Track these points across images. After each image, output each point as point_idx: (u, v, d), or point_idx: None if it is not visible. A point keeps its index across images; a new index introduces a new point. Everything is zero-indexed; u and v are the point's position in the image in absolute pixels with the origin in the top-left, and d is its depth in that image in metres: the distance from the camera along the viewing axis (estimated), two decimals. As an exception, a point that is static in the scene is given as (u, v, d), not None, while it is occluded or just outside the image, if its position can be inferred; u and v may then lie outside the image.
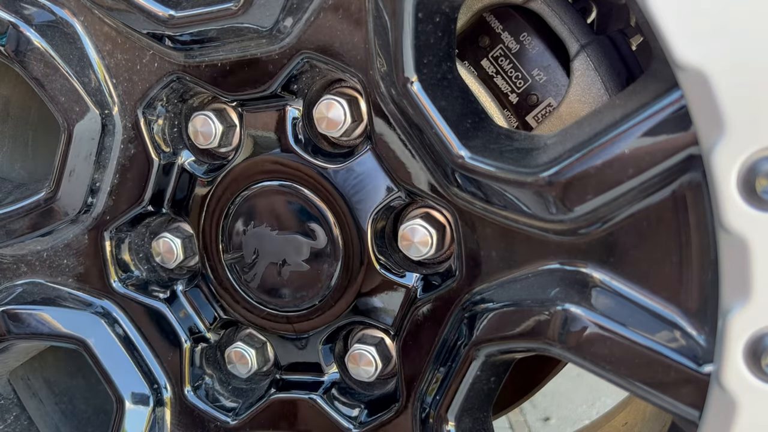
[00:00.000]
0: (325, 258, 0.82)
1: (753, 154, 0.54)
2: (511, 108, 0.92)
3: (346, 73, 0.75)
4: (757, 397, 0.58)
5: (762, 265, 0.56)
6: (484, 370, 0.76)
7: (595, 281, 0.67)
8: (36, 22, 0.84)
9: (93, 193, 0.89)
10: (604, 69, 0.87)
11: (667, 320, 0.64)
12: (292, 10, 0.74)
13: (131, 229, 0.92)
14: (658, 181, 0.61)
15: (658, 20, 0.55)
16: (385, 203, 0.78)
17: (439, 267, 0.80)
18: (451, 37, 0.71)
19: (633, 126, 0.60)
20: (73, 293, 0.94)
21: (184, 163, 0.88)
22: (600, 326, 0.66)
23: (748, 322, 0.58)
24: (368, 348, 0.83)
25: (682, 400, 0.64)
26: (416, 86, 0.69)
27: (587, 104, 0.86)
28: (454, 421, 0.79)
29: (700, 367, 0.62)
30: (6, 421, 1.07)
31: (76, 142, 0.86)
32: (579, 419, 2.13)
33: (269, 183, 0.83)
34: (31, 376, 1.12)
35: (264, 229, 0.84)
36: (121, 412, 0.92)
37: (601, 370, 0.67)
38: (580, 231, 0.66)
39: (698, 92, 0.55)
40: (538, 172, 0.64)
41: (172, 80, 0.83)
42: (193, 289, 0.93)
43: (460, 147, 0.68)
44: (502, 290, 0.73)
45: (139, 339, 0.93)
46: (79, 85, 0.84)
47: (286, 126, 0.81)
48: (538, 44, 0.90)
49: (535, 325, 0.70)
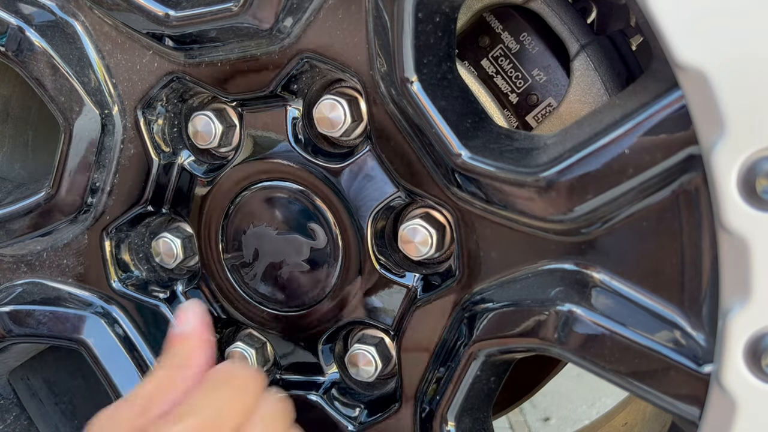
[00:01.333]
0: (324, 258, 0.82)
1: (753, 154, 0.54)
2: (511, 108, 0.92)
3: (346, 73, 0.75)
4: (757, 397, 0.58)
5: (762, 265, 0.56)
6: (484, 370, 0.76)
7: (595, 281, 0.67)
8: (36, 22, 0.84)
9: (93, 193, 0.89)
10: (604, 69, 0.87)
11: (667, 320, 0.64)
12: (292, 10, 0.74)
13: (131, 229, 0.92)
14: (658, 181, 0.61)
15: (658, 20, 0.55)
16: (385, 203, 0.78)
17: (439, 267, 0.80)
18: (451, 37, 0.71)
19: (633, 126, 0.60)
20: (73, 293, 0.94)
21: (184, 163, 0.88)
22: (600, 326, 0.66)
23: (748, 323, 0.58)
24: (368, 348, 0.83)
25: (681, 400, 0.64)
26: (416, 86, 0.69)
27: (587, 104, 0.86)
28: (454, 421, 0.79)
29: (700, 367, 0.62)
30: (6, 421, 1.07)
31: (76, 142, 0.86)
32: (579, 419, 2.13)
33: (269, 183, 0.83)
34: (31, 376, 1.12)
35: (264, 229, 0.84)
36: (121, 412, 0.92)
37: (600, 370, 0.67)
38: (580, 231, 0.66)
39: (698, 92, 0.55)
40: (538, 172, 0.64)
41: (172, 80, 0.83)
42: (193, 289, 0.93)
43: (460, 147, 0.68)
44: (502, 290, 0.73)
45: (139, 339, 0.93)
46: (78, 85, 0.84)
47: (286, 126, 0.81)
48: (538, 44, 0.90)
49: (534, 325, 0.70)
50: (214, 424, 0.62)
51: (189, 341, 0.70)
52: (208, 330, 0.71)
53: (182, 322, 0.71)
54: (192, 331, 0.70)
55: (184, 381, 0.67)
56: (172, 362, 0.69)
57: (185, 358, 0.69)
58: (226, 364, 0.71)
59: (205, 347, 0.70)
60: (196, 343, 0.70)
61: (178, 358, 0.69)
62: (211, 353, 0.70)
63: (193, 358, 0.69)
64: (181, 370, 0.68)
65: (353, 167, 0.79)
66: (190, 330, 0.70)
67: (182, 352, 0.69)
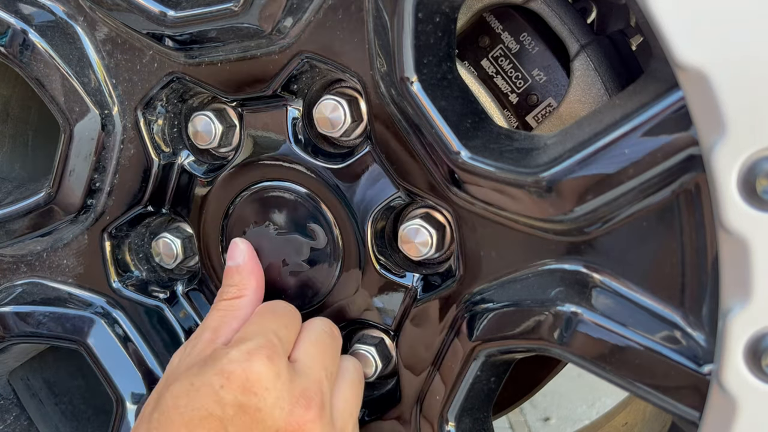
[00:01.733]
0: (324, 258, 0.82)
1: (753, 154, 0.54)
2: (511, 108, 0.92)
3: (346, 73, 0.75)
4: (757, 397, 0.58)
5: (762, 265, 0.56)
6: (484, 370, 0.76)
7: (595, 281, 0.67)
8: (36, 22, 0.84)
9: (93, 193, 0.89)
10: (604, 69, 0.87)
11: (667, 320, 0.64)
12: (292, 11, 0.74)
13: (131, 229, 0.92)
14: (658, 181, 0.61)
15: (659, 20, 0.55)
16: (385, 203, 0.78)
17: (439, 267, 0.80)
18: (451, 37, 0.71)
19: (633, 126, 0.60)
20: (73, 293, 0.94)
21: (184, 163, 0.88)
22: (600, 326, 0.66)
23: (748, 323, 0.58)
24: (368, 348, 0.83)
25: (682, 400, 0.64)
26: (416, 86, 0.69)
27: (587, 104, 0.86)
28: (454, 421, 0.79)
29: (700, 367, 0.62)
30: (6, 421, 1.07)
31: (76, 142, 0.86)
32: (579, 419, 2.13)
33: (269, 183, 0.83)
34: (31, 376, 1.12)
35: (264, 229, 0.84)
36: (121, 412, 0.92)
37: (600, 371, 0.67)
38: (580, 231, 0.66)
39: (698, 92, 0.55)
40: (538, 172, 0.64)
41: (171, 80, 0.83)
42: (193, 289, 0.93)
43: (460, 147, 0.68)
44: (502, 290, 0.73)
45: (139, 339, 0.93)
46: (79, 85, 0.84)
47: (286, 126, 0.81)
48: (538, 44, 0.90)
49: (535, 325, 0.70)
50: (267, 343, 0.72)
51: (242, 272, 0.81)
52: (256, 261, 0.83)
53: (233, 257, 0.82)
54: (243, 263, 0.82)
55: (241, 309, 0.79)
56: (230, 292, 0.80)
57: (240, 287, 0.81)
58: (269, 302, 0.82)
59: (255, 275, 0.82)
60: (248, 272, 0.81)
61: (234, 288, 0.81)
62: (261, 280, 0.82)
63: (247, 286, 0.81)
64: (238, 299, 0.80)
65: (353, 167, 0.79)
66: (241, 262, 0.82)
67: (238, 281, 0.81)
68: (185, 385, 0.69)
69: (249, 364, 0.69)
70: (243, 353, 0.70)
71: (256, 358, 0.70)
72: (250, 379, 0.69)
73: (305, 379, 0.73)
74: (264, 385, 0.69)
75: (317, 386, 0.73)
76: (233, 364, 0.69)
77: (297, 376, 0.72)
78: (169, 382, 0.72)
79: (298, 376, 0.72)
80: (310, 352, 0.76)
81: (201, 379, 0.69)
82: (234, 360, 0.70)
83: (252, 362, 0.69)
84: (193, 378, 0.70)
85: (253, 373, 0.69)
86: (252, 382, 0.69)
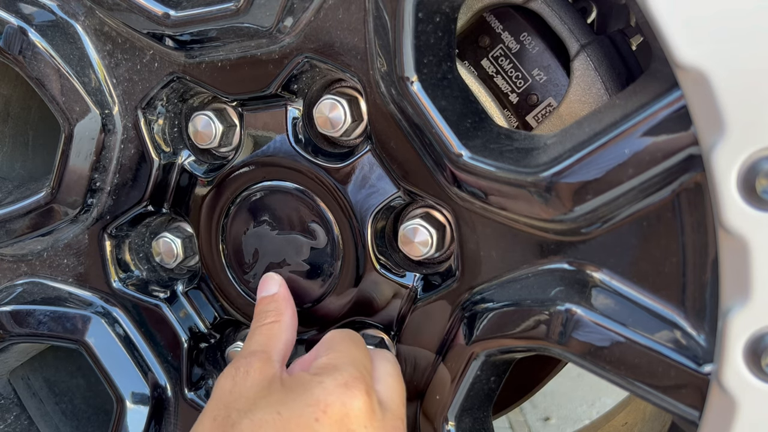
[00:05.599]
0: (325, 258, 0.82)
1: (753, 154, 0.54)
2: (511, 108, 0.92)
3: (346, 73, 0.75)
4: (757, 397, 0.59)
5: (762, 265, 0.56)
6: (485, 369, 0.76)
7: (595, 281, 0.67)
8: (36, 22, 0.84)
9: (93, 192, 0.89)
10: (604, 69, 0.87)
11: (667, 320, 0.64)
12: (293, 10, 0.74)
13: (131, 229, 0.92)
14: (658, 180, 0.61)
15: (658, 20, 0.55)
16: (385, 203, 0.78)
17: (439, 267, 0.80)
18: (451, 37, 0.71)
19: (633, 126, 0.60)
20: (73, 293, 0.94)
21: (185, 163, 0.88)
22: (600, 326, 0.66)
23: (748, 322, 0.58)
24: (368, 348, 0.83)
25: (681, 400, 0.64)
26: (416, 86, 0.69)
27: (587, 104, 0.86)
28: (454, 421, 0.79)
29: (700, 367, 0.62)
30: (6, 421, 1.07)
31: (76, 142, 0.86)
32: (579, 419, 2.13)
33: (269, 183, 0.83)
34: (31, 376, 1.12)
35: (264, 228, 0.84)
36: (121, 412, 0.92)
37: (600, 370, 0.67)
38: (580, 231, 0.66)
39: (698, 92, 0.55)
40: (538, 172, 0.64)
41: (172, 80, 0.83)
42: (194, 288, 0.93)
43: (460, 147, 0.68)
44: (502, 290, 0.73)
45: (139, 339, 0.93)
46: (79, 85, 0.84)
47: (287, 126, 0.81)
48: (538, 44, 0.90)
49: (534, 324, 0.70)
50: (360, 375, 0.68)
51: (277, 299, 0.80)
52: (288, 291, 0.82)
53: (267, 288, 0.82)
54: (278, 292, 0.81)
55: (282, 332, 0.77)
56: (269, 317, 0.79)
57: (277, 313, 0.79)
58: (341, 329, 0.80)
59: (290, 303, 0.81)
60: (283, 300, 0.80)
61: (272, 313, 0.79)
62: (294, 310, 0.81)
63: (283, 312, 0.79)
64: (277, 323, 0.78)
65: (353, 167, 0.79)
66: (276, 291, 0.81)
67: (274, 308, 0.79)
68: (271, 415, 0.63)
69: (348, 398, 0.65)
70: (339, 385, 0.65)
71: (356, 392, 0.65)
72: (349, 415, 0.64)
73: (391, 416, 0.69)
74: (362, 422, 0.65)
75: (402, 423, 0.70)
76: (330, 396, 0.64)
77: (384, 412, 0.68)
78: (240, 407, 0.65)
79: (384, 412, 0.68)
80: (390, 384, 0.72)
81: (290, 409, 0.63)
82: (330, 392, 0.65)
83: (351, 396, 0.65)
84: (280, 407, 0.64)
85: (353, 409, 0.64)
86: (351, 418, 0.64)
